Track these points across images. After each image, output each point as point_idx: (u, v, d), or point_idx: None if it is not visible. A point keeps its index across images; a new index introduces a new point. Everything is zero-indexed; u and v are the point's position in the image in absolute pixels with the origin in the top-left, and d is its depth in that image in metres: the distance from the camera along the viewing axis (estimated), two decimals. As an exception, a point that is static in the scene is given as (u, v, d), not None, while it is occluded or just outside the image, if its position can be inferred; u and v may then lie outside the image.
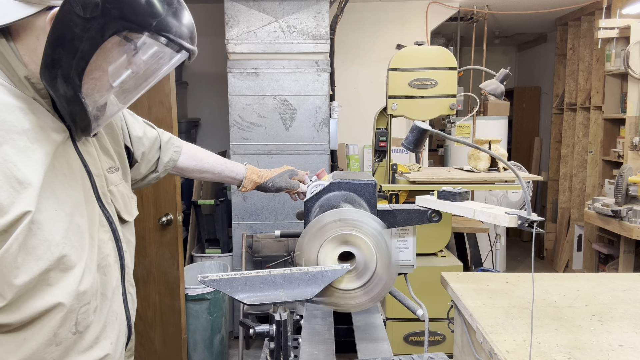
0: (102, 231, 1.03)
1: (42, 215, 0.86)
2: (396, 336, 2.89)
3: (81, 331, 0.96)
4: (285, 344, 1.10)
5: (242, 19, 3.38)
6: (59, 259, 0.89)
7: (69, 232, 0.92)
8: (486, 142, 3.08)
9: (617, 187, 3.22)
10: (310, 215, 1.23)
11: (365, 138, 4.27)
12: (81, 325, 0.96)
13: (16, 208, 0.82)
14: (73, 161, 0.98)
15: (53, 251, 0.88)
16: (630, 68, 3.66)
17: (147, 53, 0.92)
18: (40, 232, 0.86)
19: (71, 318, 0.93)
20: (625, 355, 1.12)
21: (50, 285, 0.89)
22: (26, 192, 0.84)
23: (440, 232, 2.93)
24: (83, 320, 0.96)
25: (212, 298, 3.09)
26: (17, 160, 0.85)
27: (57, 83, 0.88)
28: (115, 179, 1.14)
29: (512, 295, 1.50)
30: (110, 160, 1.15)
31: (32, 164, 0.87)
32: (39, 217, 0.86)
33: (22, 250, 0.84)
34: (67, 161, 0.96)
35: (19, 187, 0.84)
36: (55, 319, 0.90)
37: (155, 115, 2.47)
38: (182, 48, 0.93)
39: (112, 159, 1.15)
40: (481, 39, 5.24)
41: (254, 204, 3.50)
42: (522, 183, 0.98)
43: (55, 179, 0.92)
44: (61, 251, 0.89)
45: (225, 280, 0.86)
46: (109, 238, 1.05)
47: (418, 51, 2.91)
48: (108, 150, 1.15)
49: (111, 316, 1.04)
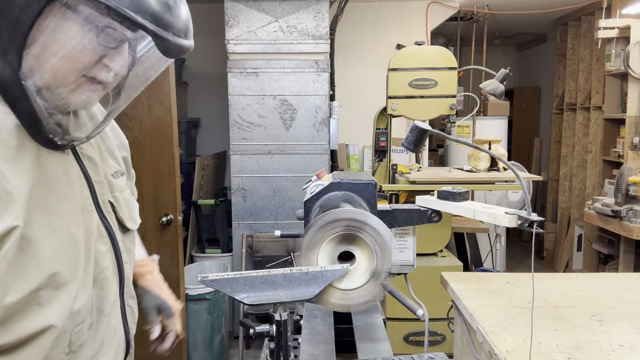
0: (100, 242, 0.95)
1: (32, 229, 0.79)
2: (396, 336, 2.89)
3: (75, 350, 0.89)
4: (285, 344, 1.10)
5: (242, 19, 3.38)
6: (51, 276, 0.81)
7: (63, 246, 0.84)
8: (486, 142, 3.08)
9: (617, 187, 3.21)
10: (310, 215, 1.22)
11: (365, 138, 4.27)
12: (75, 344, 0.88)
13: (3, 223, 0.74)
14: (70, 168, 0.90)
15: (44, 269, 0.80)
16: (630, 68, 3.66)
17: (98, 31, 0.77)
18: (30, 248, 0.78)
19: (64, 339, 0.86)
20: (625, 355, 1.11)
21: (42, 305, 0.81)
22: (15, 205, 0.75)
23: (440, 232, 2.93)
24: (77, 339, 0.89)
25: (212, 298, 3.09)
26: (4, 168, 0.75)
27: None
28: (121, 185, 1.06)
29: (512, 295, 1.50)
30: (117, 164, 1.07)
31: (20, 173, 0.77)
32: (28, 232, 0.78)
33: (10, 268, 0.76)
34: (64, 168, 0.88)
35: (7, 199, 0.75)
36: (47, 341, 0.83)
37: (155, 115, 2.47)
38: (139, 26, 0.75)
39: (118, 162, 1.08)
40: (481, 39, 5.24)
41: (254, 204, 3.50)
42: (522, 183, 0.98)
43: (49, 188, 0.83)
44: (53, 268, 0.81)
45: (225, 280, 0.86)
46: (108, 249, 0.98)
47: (418, 51, 2.91)
48: (114, 153, 1.07)
49: (108, 332, 0.97)
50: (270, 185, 3.50)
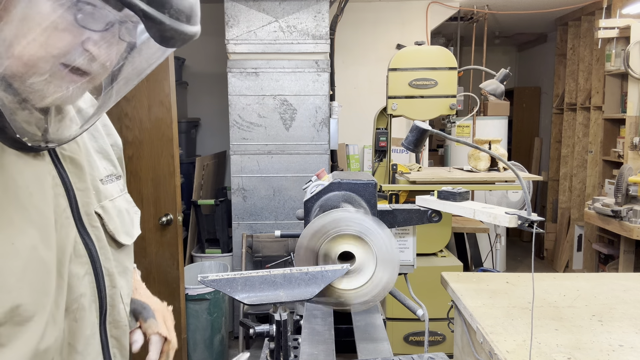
0: (76, 263, 0.78)
1: None
2: (396, 336, 2.89)
3: None
4: (285, 344, 1.10)
5: (242, 19, 3.38)
6: (13, 309, 0.66)
7: (28, 272, 0.68)
8: (486, 142, 3.08)
9: (617, 187, 3.22)
10: (310, 215, 1.22)
11: (365, 138, 4.27)
12: None
13: None
14: (44, 174, 0.74)
15: (4, 300, 0.65)
16: (630, 68, 3.66)
17: (75, 8, 0.62)
18: None
19: None
20: (625, 355, 1.11)
21: (1, 345, 0.66)
22: None
23: (440, 232, 2.93)
24: None
25: (212, 298, 3.09)
26: None
27: None
28: (113, 191, 0.90)
29: (512, 295, 1.50)
30: (111, 166, 0.92)
31: None
32: None
33: None
34: (35, 174, 0.72)
35: None
36: None
37: (155, 115, 2.47)
38: (123, 2, 0.60)
39: (112, 164, 0.93)
40: (481, 39, 5.24)
41: (254, 204, 3.50)
42: (522, 183, 0.98)
43: (13, 199, 0.68)
44: (15, 299, 0.66)
45: (225, 280, 0.86)
46: (86, 272, 0.80)
47: (418, 51, 2.91)
48: (108, 154, 0.93)
49: None
50: (270, 185, 3.50)
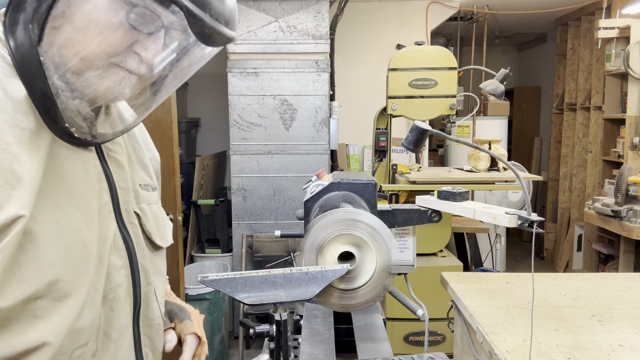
0: (115, 255, 0.80)
1: (38, 225, 0.67)
2: (396, 336, 2.89)
3: None
4: (285, 344, 1.10)
5: (242, 19, 3.38)
6: (52, 283, 0.68)
7: (71, 250, 0.71)
8: (486, 142, 3.08)
9: (617, 187, 3.22)
10: (310, 215, 1.22)
11: (365, 138, 4.27)
12: None
13: (8, 210, 0.64)
14: (91, 167, 0.78)
15: (45, 273, 0.67)
16: (630, 68, 3.66)
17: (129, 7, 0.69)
18: (32, 247, 0.66)
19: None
20: (625, 355, 1.11)
21: (38, 317, 0.67)
22: (23, 192, 0.65)
23: (440, 232, 2.93)
24: None
25: (212, 298, 3.09)
26: (18, 151, 0.66)
27: (17, 30, 0.68)
28: (151, 198, 0.93)
29: (512, 295, 1.50)
30: (147, 177, 0.95)
31: (35, 160, 0.68)
32: (34, 227, 0.66)
33: (6, 267, 0.64)
34: (82, 165, 0.77)
35: (16, 184, 0.65)
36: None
37: (155, 115, 2.47)
38: (175, 4, 0.67)
39: (149, 175, 0.96)
40: (481, 39, 5.24)
41: (254, 204, 3.50)
42: (522, 183, 0.98)
43: (62, 183, 0.72)
44: (56, 274, 0.68)
45: (225, 280, 0.86)
46: (123, 265, 0.82)
47: (418, 51, 2.91)
48: (146, 166, 0.95)
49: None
50: (270, 185, 3.50)
